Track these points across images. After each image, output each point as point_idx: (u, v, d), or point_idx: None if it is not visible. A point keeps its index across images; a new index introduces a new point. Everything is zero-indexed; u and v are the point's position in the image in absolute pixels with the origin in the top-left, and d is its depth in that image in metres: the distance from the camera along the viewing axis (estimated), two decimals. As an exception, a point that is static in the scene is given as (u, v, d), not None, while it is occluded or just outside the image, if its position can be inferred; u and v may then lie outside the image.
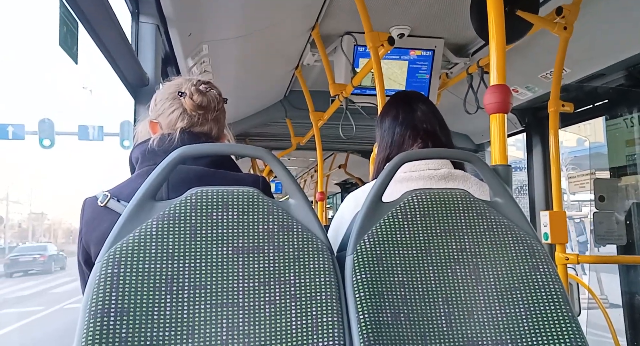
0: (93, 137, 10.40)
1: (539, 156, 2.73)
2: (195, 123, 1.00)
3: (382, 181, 0.84)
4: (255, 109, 3.21)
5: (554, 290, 0.80)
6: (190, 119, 0.99)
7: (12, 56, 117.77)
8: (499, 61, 1.01)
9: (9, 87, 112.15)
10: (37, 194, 53.37)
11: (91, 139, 10.41)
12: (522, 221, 0.86)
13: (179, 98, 1.00)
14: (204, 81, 1.04)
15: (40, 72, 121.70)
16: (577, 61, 2.04)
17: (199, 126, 1.00)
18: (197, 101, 0.99)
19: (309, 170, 6.69)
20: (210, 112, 1.01)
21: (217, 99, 1.03)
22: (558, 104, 1.84)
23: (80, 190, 56.77)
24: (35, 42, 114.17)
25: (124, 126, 9.73)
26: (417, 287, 0.78)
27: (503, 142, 0.99)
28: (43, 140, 9.54)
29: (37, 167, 51.83)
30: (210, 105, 1.01)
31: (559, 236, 1.73)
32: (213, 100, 1.02)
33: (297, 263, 0.76)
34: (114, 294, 0.68)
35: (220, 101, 1.04)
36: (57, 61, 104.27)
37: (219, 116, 1.04)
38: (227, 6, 1.81)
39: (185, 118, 0.99)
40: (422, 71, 2.44)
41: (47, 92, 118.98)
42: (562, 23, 1.71)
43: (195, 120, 1.00)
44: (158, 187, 0.76)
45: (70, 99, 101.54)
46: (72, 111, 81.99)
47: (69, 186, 62.15)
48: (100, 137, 10.47)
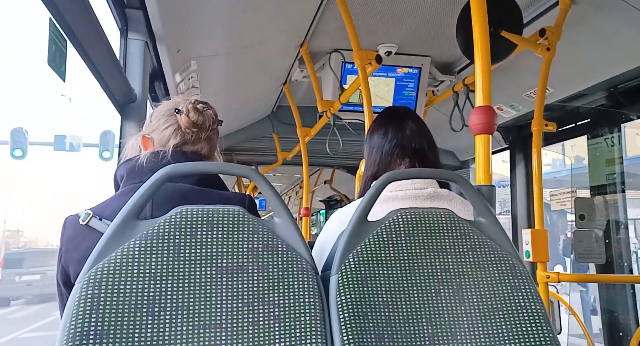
0: (70, 148, 9.70)
1: (522, 174, 2.78)
2: (187, 141, 1.00)
3: (368, 200, 0.84)
4: (243, 124, 3.22)
5: (535, 310, 0.80)
6: (183, 136, 1.00)
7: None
8: (484, 82, 1.03)
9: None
10: (11, 209, 51.42)
11: (68, 149, 9.70)
12: (505, 241, 0.87)
13: (174, 115, 1.01)
14: (201, 101, 1.05)
15: (14, 78, 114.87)
16: (560, 80, 2.10)
17: (191, 144, 1.01)
18: (193, 118, 0.99)
19: (293, 186, 6.68)
20: (204, 131, 1.02)
21: (213, 119, 1.04)
22: (541, 123, 1.87)
23: (56, 206, 55.13)
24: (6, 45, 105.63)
25: (104, 136, 9.12)
26: (401, 308, 0.78)
27: (487, 163, 1.01)
28: (15, 150, 8.85)
29: (7, 180, 49.78)
30: (205, 124, 1.02)
31: (540, 255, 1.74)
32: (208, 119, 1.02)
33: (281, 283, 0.75)
34: (93, 316, 0.67)
35: (215, 122, 1.05)
36: (34, 66, 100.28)
37: (211, 136, 1.04)
38: (216, 23, 1.82)
39: (179, 135, 1.00)
40: (409, 88, 2.47)
41: (21, 99, 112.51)
42: (545, 44, 1.76)
43: (188, 137, 1.00)
44: (143, 206, 0.75)
45: (47, 107, 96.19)
46: (48, 120, 78.16)
47: (44, 201, 60.28)
48: (77, 148, 9.78)
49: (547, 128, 1.92)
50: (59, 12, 1.01)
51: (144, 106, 1.63)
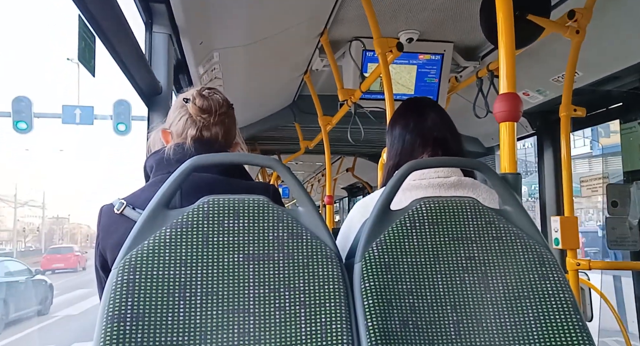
0: (81, 121, 8.54)
1: (550, 161, 2.71)
2: (200, 128, 1.02)
3: (391, 188, 0.85)
4: (265, 114, 3.24)
5: (563, 298, 0.79)
6: (196, 125, 1.02)
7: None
8: (508, 68, 1.01)
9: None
10: (50, 196, 51.10)
11: (78, 122, 8.53)
12: (532, 229, 0.86)
13: (185, 105, 1.03)
14: (208, 87, 1.06)
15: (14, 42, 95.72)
16: (589, 64, 2.02)
17: (206, 130, 1.02)
18: (199, 104, 1.01)
19: (315, 174, 6.71)
20: (214, 116, 1.03)
21: (220, 103, 1.04)
22: (570, 108, 1.82)
23: (85, 189, 53.43)
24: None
25: (118, 107, 8.16)
26: (425, 295, 0.79)
27: (513, 150, 0.99)
28: (18, 123, 8.02)
29: (36, 166, 48.88)
30: (212, 108, 1.02)
31: (570, 242, 1.71)
32: (215, 103, 1.03)
33: (306, 270, 0.77)
34: (129, 300, 0.70)
35: (223, 105, 1.05)
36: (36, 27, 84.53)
37: (223, 119, 1.05)
38: (237, 14, 1.83)
39: (193, 124, 1.02)
40: (431, 75, 2.43)
41: (24, 64, 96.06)
42: (575, 27, 1.70)
43: (200, 125, 1.02)
44: (171, 196, 0.78)
45: (53, 74, 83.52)
46: (53, 88, 66.68)
47: (74, 185, 58.95)
48: (89, 121, 8.56)
49: (576, 113, 1.86)
50: (87, 9, 1.04)
51: (169, 97, 1.67)
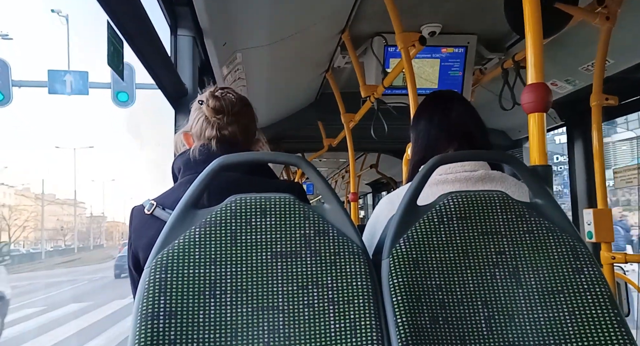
0: (73, 89, 6.77)
1: (581, 152, 2.63)
2: (217, 128, 1.03)
3: (417, 184, 0.84)
4: (288, 113, 3.26)
5: (599, 292, 0.77)
6: (212, 125, 1.03)
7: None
8: (536, 58, 0.98)
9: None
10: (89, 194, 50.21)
11: (70, 91, 6.77)
12: (564, 222, 0.84)
13: (201, 107, 1.05)
14: (222, 87, 1.07)
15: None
16: (621, 51, 1.95)
17: (222, 130, 1.04)
18: (212, 105, 1.03)
19: (339, 171, 6.71)
20: (229, 115, 1.04)
21: (234, 103, 1.05)
22: (601, 97, 1.76)
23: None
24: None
25: None
26: (455, 290, 0.78)
27: (542, 142, 0.97)
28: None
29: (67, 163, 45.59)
30: (225, 108, 1.03)
31: (604, 235, 1.66)
32: (228, 103, 1.04)
33: (333, 267, 0.77)
34: (162, 298, 0.72)
35: (237, 104, 1.05)
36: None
37: (239, 118, 1.05)
38: (259, 14, 1.85)
39: (209, 125, 1.03)
40: (455, 68, 2.39)
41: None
42: (605, 13, 1.64)
43: (217, 125, 1.03)
44: (199, 196, 0.80)
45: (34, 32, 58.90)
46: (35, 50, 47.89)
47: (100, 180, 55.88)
48: (83, 90, 6.81)
49: (608, 102, 1.80)
50: (115, 15, 1.07)
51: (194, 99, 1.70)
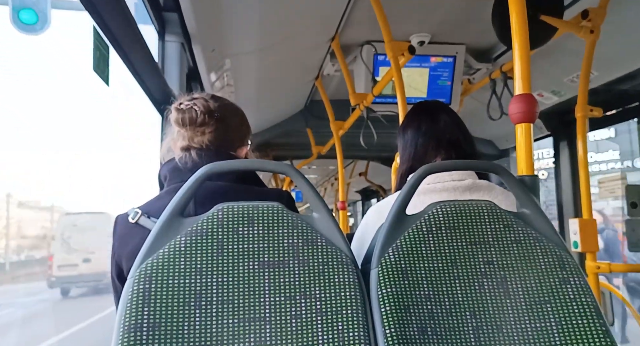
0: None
1: (567, 162, 2.67)
2: (187, 138, 1.00)
3: (406, 193, 0.84)
4: (277, 120, 3.25)
5: (585, 302, 0.77)
6: (183, 136, 1.00)
7: None
8: (523, 69, 0.99)
9: None
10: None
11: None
12: (551, 232, 0.85)
13: None
14: (190, 98, 1.02)
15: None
16: (605, 63, 1.99)
17: (190, 140, 1.00)
18: (174, 119, 1.00)
19: (329, 178, 6.71)
20: (196, 126, 1.00)
21: (198, 112, 0.99)
22: (586, 109, 1.79)
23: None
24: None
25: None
26: (444, 301, 0.77)
27: (529, 152, 0.97)
28: None
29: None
30: (190, 120, 0.99)
31: (589, 245, 1.68)
32: (193, 115, 0.99)
33: (322, 277, 0.76)
34: (145, 309, 0.70)
35: (206, 112, 0.99)
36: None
37: (207, 129, 1.00)
38: (248, 20, 1.84)
39: (179, 136, 1.01)
40: (444, 77, 2.42)
41: None
42: (589, 26, 1.68)
43: (189, 135, 1.00)
44: (185, 204, 0.78)
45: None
46: None
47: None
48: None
49: (593, 114, 1.83)
50: (102, 20, 1.06)
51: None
